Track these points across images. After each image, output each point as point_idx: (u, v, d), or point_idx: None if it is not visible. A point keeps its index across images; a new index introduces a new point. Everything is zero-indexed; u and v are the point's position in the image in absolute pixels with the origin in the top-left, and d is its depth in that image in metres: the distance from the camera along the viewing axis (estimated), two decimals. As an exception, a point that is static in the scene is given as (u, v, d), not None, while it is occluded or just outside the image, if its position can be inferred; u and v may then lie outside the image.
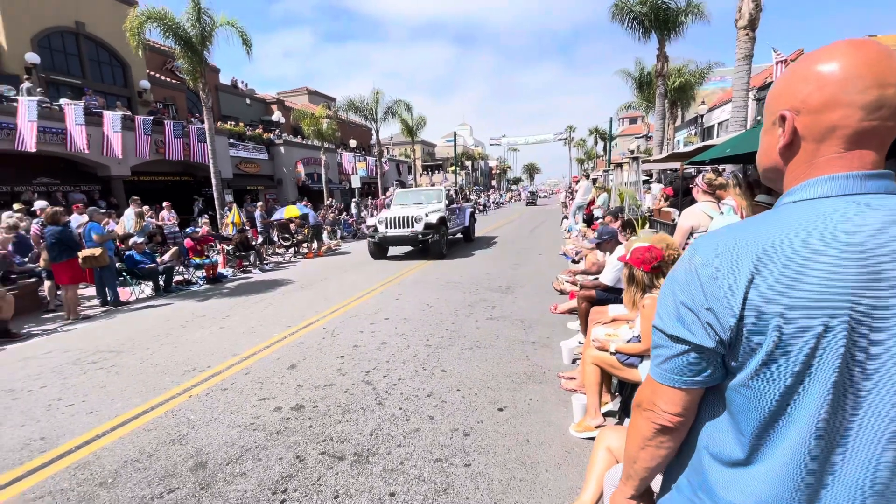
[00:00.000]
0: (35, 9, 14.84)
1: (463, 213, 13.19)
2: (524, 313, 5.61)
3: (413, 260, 10.67)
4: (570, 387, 3.44)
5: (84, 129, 13.48)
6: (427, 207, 10.71)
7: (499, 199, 45.82)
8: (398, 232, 10.19)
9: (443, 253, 10.33)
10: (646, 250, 2.52)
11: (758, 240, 0.72)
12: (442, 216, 10.56)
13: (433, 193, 12.01)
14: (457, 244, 12.94)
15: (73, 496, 2.48)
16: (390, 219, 10.34)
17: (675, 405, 0.82)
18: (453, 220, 11.80)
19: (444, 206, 11.14)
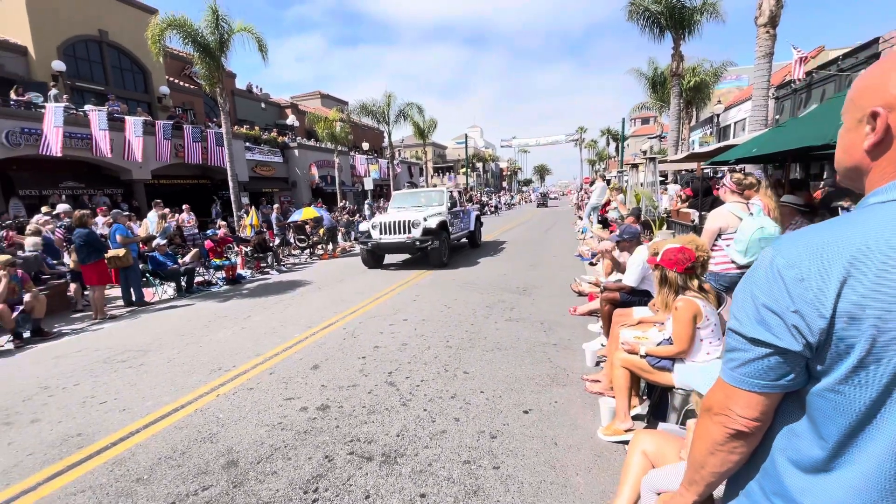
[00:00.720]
0: (61, 18, 15.28)
1: (467, 217, 12.19)
2: (543, 315, 5.60)
3: (419, 266, 9.96)
4: (595, 389, 3.42)
5: (108, 135, 13.83)
6: (427, 211, 9.80)
7: (510, 201, 45.65)
8: (393, 238, 9.28)
9: (444, 261, 9.38)
10: (678, 251, 2.51)
11: (849, 242, 0.70)
12: (443, 220, 9.53)
13: (434, 195, 10.98)
14: (461, 250, 12.24)
15: (112, 491, 2.54)
16: (385, 223, 9.41)
17: (753, 409, 0.81)
18: (456, 225, 10.91)
19: (445, 209, 10.14)
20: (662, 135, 25.99)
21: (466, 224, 12.00)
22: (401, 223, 9.29)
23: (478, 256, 11.01)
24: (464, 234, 11.89)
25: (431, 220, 9.29)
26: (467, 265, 9.79)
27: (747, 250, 3.10)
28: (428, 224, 9.15)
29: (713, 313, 2.58)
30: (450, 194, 11.04)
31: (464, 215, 11.80)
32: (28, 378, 4.43)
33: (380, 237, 9.39)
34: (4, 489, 2.60)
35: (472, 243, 12.74)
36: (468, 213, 12.37)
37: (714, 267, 3.29)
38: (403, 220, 9.26)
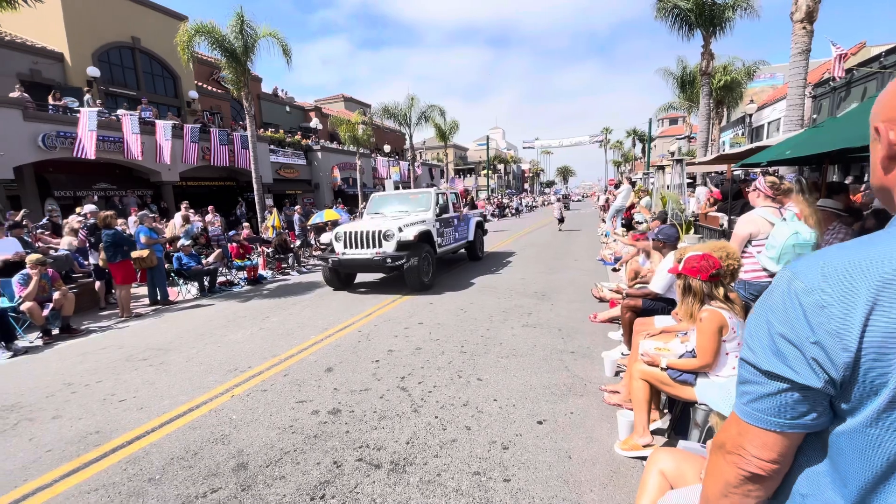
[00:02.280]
0: (96, 26, 15.93)
1: (465, 225, 10.22)
2: (562, 321, 5.46)
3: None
4: (613, 401, 3.29)
5: (139, 138, 14.33)
6: (406, 218, 8.13)
7: (531, 203, 45.17)
8: (359, 253, 7.48)
9: (425, 283, 7.47)
10: (700, 258, 2.37)
11: (876, 264, 0.62)
12: (425, 231, 7.77)
13: (421, 198, 9.07)
14: (457, 264, 10.43)
15: (124, 490, 2.57)
16: (350, 234, 7.58)
17: (769, 450, 0.72)
18: (448, 235, 9.12)
19: (432, 215, 8.40)
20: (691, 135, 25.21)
21: (463, 233, 10.13)
22: (369, 234, 7.43)
23: (476, 273, 9.09)
24: (460, 246, 10.00)
25: (409, 230, 7.45)
26: (458, 287, 7.81)
27: (780, 257, 2.91)
28: (404, 235, 7.31)
29: (740, 325, 2.42)
30: (441, 197, 9.22)
31: (459, 223, 9.86)
32: (54, 374, 4.57)
33: (344, 251, 7.61)
34: (22, 485, 2.66)
35: (472, 255, 10.83)
36: (466, 219, 10.43)
37: (744, 275, 3.11)
38: (372, 231, 7.41)
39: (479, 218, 11.35)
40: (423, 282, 7.44)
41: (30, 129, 12.14)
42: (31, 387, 4.24)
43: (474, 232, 10.58)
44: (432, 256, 7.93)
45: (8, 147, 11.46)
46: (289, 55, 14.25)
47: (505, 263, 10.28)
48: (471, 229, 10.52)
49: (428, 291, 7.51)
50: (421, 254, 7.42)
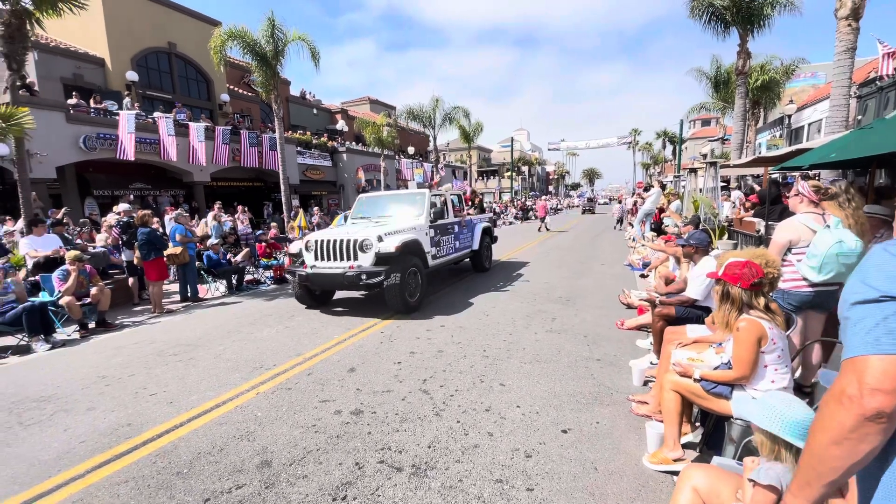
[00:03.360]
0: (135, 32, 16.63)
1: (468, 231, 8.88)
2: (587, 327, 5.33)
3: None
4: (642, 412, 3.17)
5: (174, 140, 14.87)
6: (392, 224, 6.91)
7: (556, 205, 44.57)
8: (330, 267, 6.24)
9: (409, 304, 6.19)
10: (743, 265, 2.26)
11: None
12: (411, 240, 6.46)
13: (412, 201, 7.75)
14: (460, 276, 9.03)
15: (153, 483, 2.63)
16: (322, 243, 6.34)
17: (893, 378, 0.69)
18: (446, 243, 7.81)
19: (424, 221, 7.15)
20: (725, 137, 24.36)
21: (466, 241, 8.76)
22: (343, 244, 6.18)
23: (480, 289, 7.65)
24: (462, 256, 8.63)
25: (391, 239, 6.16)
26: (452, 309, 6.37)
27: (822, 266, 2.75)
28: (383, 246, 6.03)
29: (781, 336, 2.29)
30: (438, 199, 7.93)
31: (461, 229, 8.51)
32: (89, 367, 4.75)
33: (314, 263, 6.40)
34: (55, 475, 2.76)
35: (477, 266, 9.42)
36: (470, 225, 9.02)
37: (782, 284, 2.96)
38: (347, 240, 6.17)
39: (487, 223, 9.82)
40: (408, 302, 6.14)
41: (72, 131, 12.76)
42: (67, 378, 4.42)
43: (480, 239, 9.19)
44: (422, 271, 6.55)
45: (51, 148, 12.07)
46: (317, 58, 14.53)
47: (518, 274, 9.31)
48: (476, 237, 9.13)
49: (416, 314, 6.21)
50: (406, 268, 6.12)
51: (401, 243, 6.09)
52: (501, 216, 28.06)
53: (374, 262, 6.05)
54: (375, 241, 6.05)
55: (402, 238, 6.27)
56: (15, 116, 7.45)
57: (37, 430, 3.34)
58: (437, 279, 8.76)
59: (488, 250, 9.79)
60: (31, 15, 8.19)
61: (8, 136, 7.80)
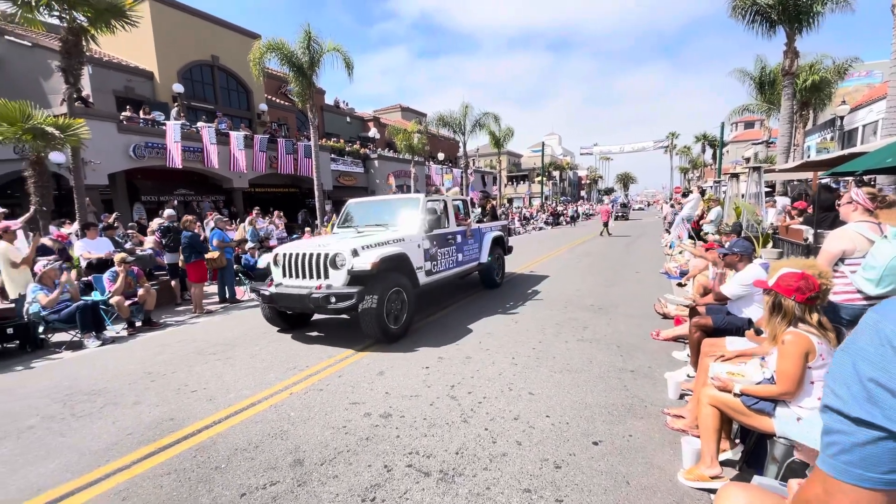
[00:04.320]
0: (181, 46, 17.60)
1: (475, 242, 7.80)
2: (620, 337, 5.20)
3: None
4: (677, 426, 3.06)
5: (216, 148, 15.58)
6: (377, 234, 5.89)
7: (588, 211, 43.69)
8: (298, 285, 5.36)
9: (390, 331, 5.18)
10: (799, 277, 2.15)
11: None
12: (396, 255, 5.45)
13: (405, 207, 6.69)
14: (468, 292, 7.96)
15: (193, 476, 2.74)
16: (291, 257, 5.48)
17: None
18: (445, 257, 6.74)
19: (418, 231, 6.15)
20: (769, 140, 23.23)
21: (472, 253, 7.69)
22: (312, 259, 5.28)
23: (484, 311, 6.55)
24: (466, 270, 7.53)
25: (368, 254, 5.13)
26: (444, 338, 5.30)
27: (882, 279, 2.58)
28: (358, 262, 5.03)
29: (830, 352, 2.17)
30: (439, 206, 6.88)
31: (466, 240, 7.42)
32: (136, 363, 5.02)
33: (282, 280, 5.56)
34: (104, 465, 2.93)
35: (487, 281, 8.31)
36: (478, 235, 7.92)
37: (833, 297, 2.80)
38: (317, 255, 5.25)
39: (499, 232, 8.65)
40: (389, 330, 5.13)
41: (123, 140, 13.60)
42: (116, 374, 4.69)
43: (489, 251, 8.02)
44: (409, 291, 5.51)
45: (104, 156, 12.88)
46: (351, 68, 14.92)
47: (533, 290, 8.58)
48: (484, 248, 7.98)
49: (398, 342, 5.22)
50: (387, 288, 5.11)
51: (378, 259, 5.01)
52: (531, 221, 27.79)
53: (348, 281, 5.08)
54: (349, 255, 5.06)
55: (383, 252, 5.21)
56: (72, 127, 8.01)
57: (88, 422, 3.56)
58: (441, 295, 7.75)
59: (500, 263, 8.64)
60: (87, 31, 8.82)
61: (65, 146, 8.40)
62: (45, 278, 5.74)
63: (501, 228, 9.07)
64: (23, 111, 7.52)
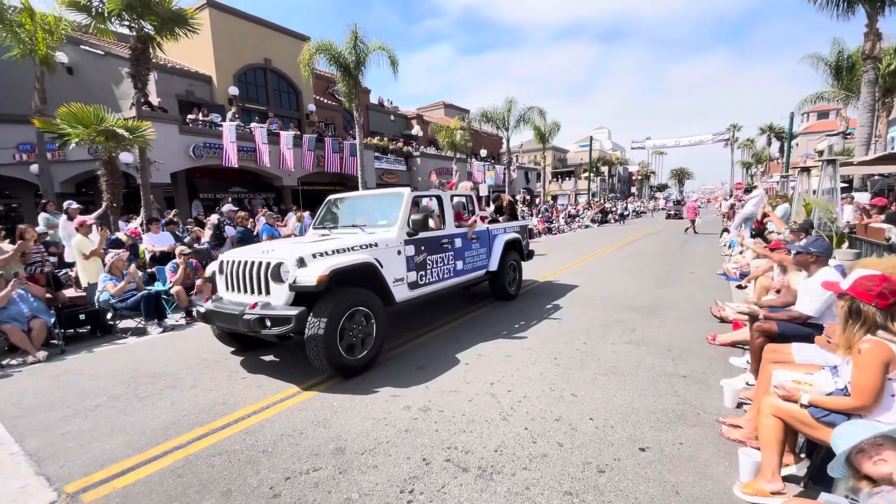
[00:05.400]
0: (237, 51, 18.56)
1: (482, 246, 6.60)
2: (672, 340, 4.93)
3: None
4: (734, 436, 2.85)
5: (267, 148, 16.32)
6: (344, 238, 4.84)
7: (639, 208, 41.88)
8: (236, 301, 4.36)
9: (345, 364, 4.07)
10: (880, 280, 1.93)
11: None
12: (358, 265, 4.31)
13: (387, 203, 5.57)
14: (476, 304, 6.76)
15: (242, 458, 2.87)
16: (233, 266, 4.46)
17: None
18: (436, 265, 5.57)
19: (396, 234, 4.98)
20: (847, 131, 21.19)
21: (478, 259, 6.48)
22: (253, 269, 4.24)
23: (523, 314, 6.08)
24: (469, 280, 6.33)
25: (318, 264, 4.03)
26: (417, 376, 4.10)
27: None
28: (303, 275, 3.93)
29: (918, 363, 1.93)
30: (432, 203, 6.06)
31: (467, 244, 6.20)
32: (193, 349, 5.33)
33: (224, 294, 4.61)
34: (163, 443, 3.12)
35: (498, 292, 7.03)
36: (486, 237, 6.71)
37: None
38: (258, 263, 4.21)
39: (514, 234, 7.32)
40: (343, 362, 4.00)
41: (184, 141, 14.53)
42: (175, 359, 5.00)
43: (500, 257, 6.75)
44: (377, 311, 4.34)
45: (167, 157, 13.82)
46: (395, 66, 15.12)
47: (551, 307, 7.41)
48: (494, 253, 6.74)
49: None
50: (341, 309, 3.99)
51: (327, 272, 3.85)
52: (577, 219, 27.06)
53: (292, 299, 4.01)
54: (293, 265, 3.95)
55: (337, 263, 4.04)
56: (139, 129, 8.65)
57: (149, 403, 3.81)
58: (441, 308, 6.62)
59: (515, 271, 7.35)
60: (153, 39, 9.47)
61: (133, 146, 9.08)
62: (114, 269, 6.22)
63: (519, 230, 7.72)
64: (96, 114, 8.21)
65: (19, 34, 9.20)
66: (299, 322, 3.83)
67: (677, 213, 31.39)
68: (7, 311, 5.04)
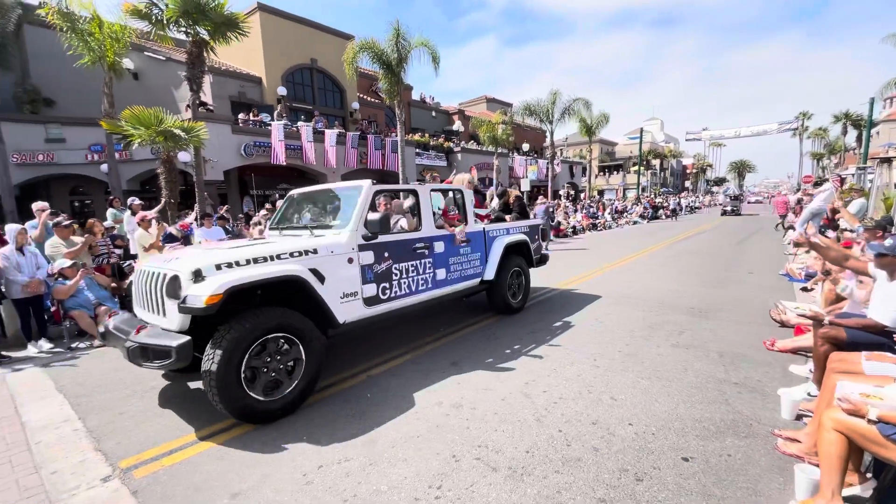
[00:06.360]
0: (285, 52, 19.29)
1: (476, 251, 5.50)
2: (724, 345, 4.60)
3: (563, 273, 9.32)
4: (791, 451, 2.62)
5: (312, 145, 16.88)
6: (278, 243, 3.84)
7: (693, 203, 39.65)
8: (134, 322, 3.65)
9: (247, 407, 3.17)
10: None
11: None
12: (281, 278, 3.39)
13: (343, 197, 4.71)
14: (480, 316, 5.84)
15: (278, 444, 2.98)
16: (141, 275, 3.71)
17: None
18: (410, 274, 4.57)
19: (346, 238, 3.99)
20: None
21: (470, 266, 5.41)
22: (151, 283, 3.49)
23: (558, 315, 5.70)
24: (458, 291, 5.31)
25: (217, 278, 3.13)
26: (450, 371, 4.07)
27: None
28: (194, 293, 3.06)
29: None
30: (409, 200, 5.18)
31: (452, 248, 5.12)
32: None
33: (136, 309, 3.87)
34: (207, 427, 3.29)
35: (497, 304, 5.95)
36: (481, 240, 5.61)
37: None
38: (156, 275, 3.44)
39: (520, 236, 6.21)
40: (247, 403, 3.16)
41: (236, 140, 15.31)
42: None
43: (500, 262, 5.69)
44: (307, 339, 3.47)
45: (221, 155, 14.60)
46: (437, 61, 15.15)
47: (622, 288, 7.85)
48: (492, 259, 5.68)
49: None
50: (248, 338, 3.13)
51: (222, 290, 3.01)
52: (624, 215, 26.04)
53: (188, 322, 3.15)
54: (188, 279, 3.12)
55: (241, 277, 3.15)
56: (194, 129, 9.18)
57: (199, 388, 4.02)
58: (476, 306, 6.20)
59: (520, 279, 6.21)
60: (207, 43, 10.00)
61: (189, 146, 9.65)
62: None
63: (528, 230, 6.51)
64: (156, 116, 8.80)
65: (90, 43, 10.01)
66: (180, 356, 2.98)
67: (735, 210, 29.24)
68: (76, 298, 5.50)
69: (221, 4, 9.71)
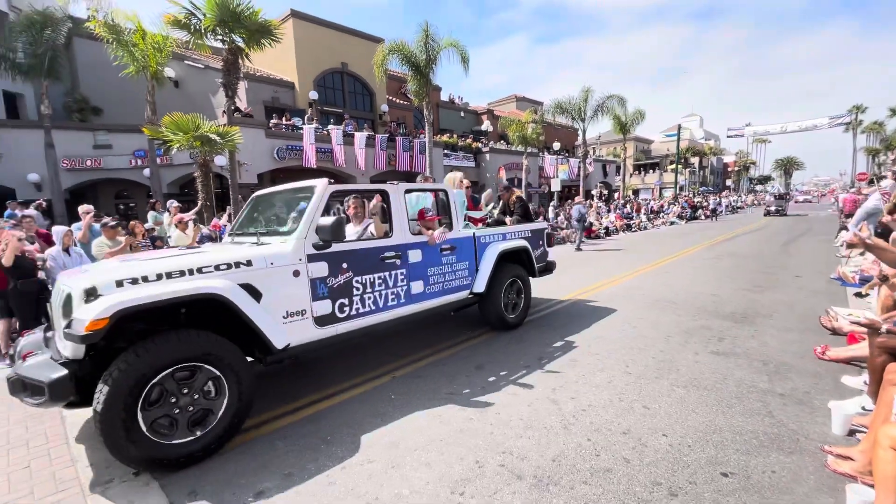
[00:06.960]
0: (316, 57, 19.76)
1: (463, 259, 4.85)
2: (769, 353, 4.33)
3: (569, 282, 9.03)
4: (842, 469, 2.41)
5: (342, 148, 17.19)
6: (219, 252, 3.32)
7: (735, 203, 37.88)
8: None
9: (151, 452, 2.62)
10: None
11: None
12: (204, 296, 2.83)
13: (296, 200, 4.22)
14: (542, 304, 6.09)
15: (303, 444, 3.01)
16: (56, 291, 3.14)
17: None
18: (375, 288, 3.89)
19: (298, 245, 3.41)
20: None
21: (453, 278, 4.74)
22: (57, 300, 2.94)
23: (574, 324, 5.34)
24: (441, 306, 4.66)
25: (112, 298, 2.54)
26: (475, 375, 4.01)
27: None
28: (79, 319, 2.48)
29: None
30: (377, 204, 4.56)
31: (433, 257, 4.49)
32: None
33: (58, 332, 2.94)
34: (249, 419, 3.36)
35: (490, 320, 5.34)
36: (469, 247, 4.94)
37: None
38: (62, 293, 2.82)
39: (519, 242, 5.57)
40: (150, 452, 2.63)
41: (269, 144, 15.79)
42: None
43: (492, 272, 5.04)
44: (229, 371, 2.92)
45: (255, 159, 15.08)
46: (466, 62, 15.12)
47: (657, 291, 7.63)
48: (483, 268, 5.05)
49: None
50: (140, 371, 2.56)
51: (107, 315, 2.46)
52: (661, 215, 25.17)
53: (80, 351, 2.60)
54: (79, 298, 2.61)
55: (138, 297, 2.59)
56: (229, 134, 9.51)
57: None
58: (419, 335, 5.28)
59: (518, 291, 5.55)
60: (242, 51, 10.34)
61: (224, 150, 10.01)
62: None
63: (530, 235, 5.85)
64: (193, 122, 9.18)
65: (134, 53, 10.57)
66: (56, 394, 2.53)
67: (780, 210, 27.45)
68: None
69: (256, 12, 10.02)
